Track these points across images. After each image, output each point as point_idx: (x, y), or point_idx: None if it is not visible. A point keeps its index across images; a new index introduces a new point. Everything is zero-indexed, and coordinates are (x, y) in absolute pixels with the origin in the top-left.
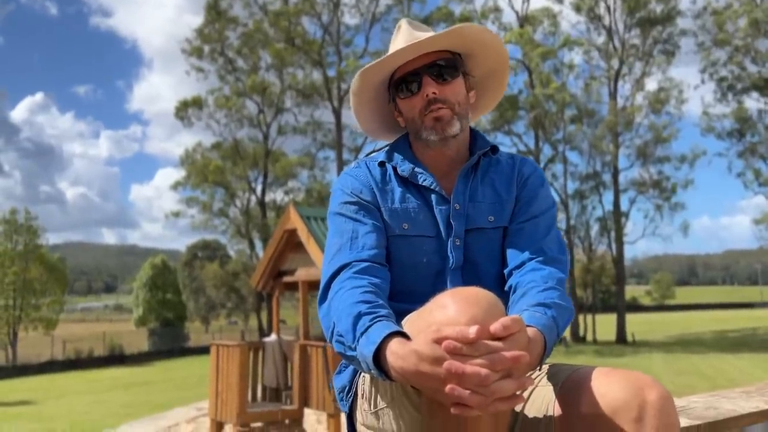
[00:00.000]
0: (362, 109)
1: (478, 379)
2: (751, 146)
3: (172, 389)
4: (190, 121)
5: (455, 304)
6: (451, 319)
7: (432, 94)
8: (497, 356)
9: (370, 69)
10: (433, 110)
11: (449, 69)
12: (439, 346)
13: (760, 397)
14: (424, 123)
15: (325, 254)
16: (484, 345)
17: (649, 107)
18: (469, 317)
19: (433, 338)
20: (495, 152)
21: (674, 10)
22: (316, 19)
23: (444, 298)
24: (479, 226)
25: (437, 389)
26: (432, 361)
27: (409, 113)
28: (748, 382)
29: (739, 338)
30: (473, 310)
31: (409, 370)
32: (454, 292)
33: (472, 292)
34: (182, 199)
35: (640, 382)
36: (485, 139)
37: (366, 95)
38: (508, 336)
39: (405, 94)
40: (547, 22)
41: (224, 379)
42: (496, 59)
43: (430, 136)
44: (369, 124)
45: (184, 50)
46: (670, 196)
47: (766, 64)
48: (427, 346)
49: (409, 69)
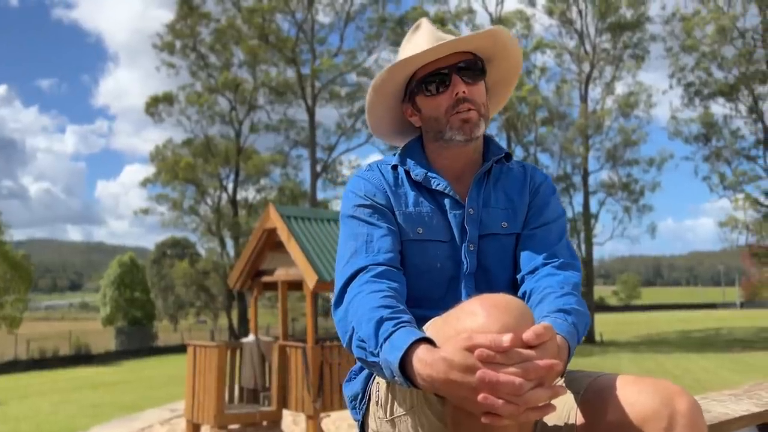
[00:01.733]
0: (378, 106)
1: (512, 388)
2: (716, 150)
3: (140, 389)
4: (161, 117)
5: (485, 311)
6: (483, 326)
7: (462, 94)
8: (531, 365)
9: (400, 64)
10: (461, 111)
11: (477, 71)
12: (471, 354)
13: (749, 400)
14: (449, 123)
15: (339, 257)
16: (517, 353)
17: (618, 111)
18: (500, 325)
19: (465, 346)
20: (508, 159)
21: (644, 15)
22: (290, 16)
23: (473, 305)
24: (493, 231)
25: (466, 398)
26: (463, 369)
27: (432, 112)
28: (715, 381)
29: (703, 338)
30: (504, 317)
31: (438, 378)
32: (483, 298)
33: (501, 299)
34: (151, 196)
35: (670, 391)
36: (498, 145)
37: (385, 90)
38: (540, 344)
39: (431, 92)
40: (520, 24)
41: (201, 379)
42: (511, 68)
43: (456, 136)
44: (379, 122)
45: (155, 45)
46: (638, 199)
47: (731, 70)
48: (458, 353)
49: (438, 67)
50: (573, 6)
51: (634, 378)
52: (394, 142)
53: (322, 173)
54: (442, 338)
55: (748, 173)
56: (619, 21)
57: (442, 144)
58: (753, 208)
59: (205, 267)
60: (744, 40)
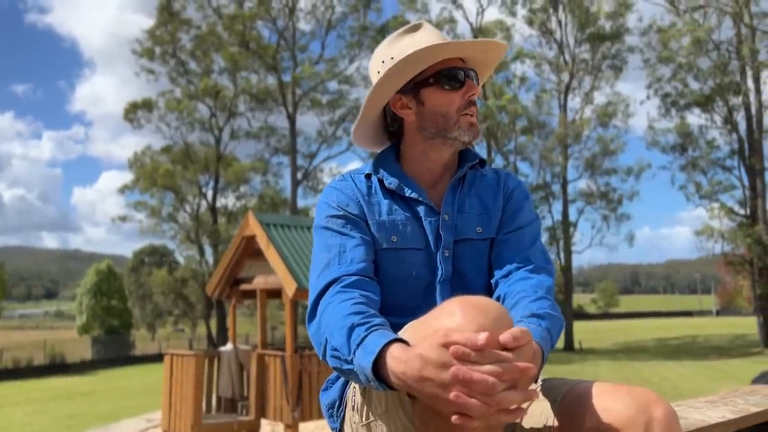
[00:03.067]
0: (380, 94)
1: (485, 387)
2: (692, 160)
3: (117, 399)
4: (140, 123)
5: (463, 311)
6: (460, 326)
7: (474, 97)
8: (506, 366)
9: (431, 49)
10: (470, 113)
11: (478, 78)
12: (447, 351)
13: (725, 407)
14: (459, 122)
15: (312, 269)
16: (492, 353)
17: (597, 120)
18: (477, 325)
19: (441, 342)
20: (483, 165)
21: (622, 27)
22: (271, 23)
23: (452, 306)
24: (468, 236)
25: (438, 396)
26: (438, 365)
27: (443, 108)
28: (691, 388)
29: (680, 345)
30: (482, 318)
31: (412, 375)
32: (462, 299)
33: (480, 300)
34: (129, 204)
35: (646, 399)
36: (473, 151)
37: (391, 84)
38: (517, 347)
39: (450, 87)
40: (500, 34)
41: (178, 389)
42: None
43: (463, 137)
44: (370, 119)
45: (135, 51)
46: (616, 207)
47: (707, 81)
48: (433, 350)
49: (456, 65)
50: (553, 17)
51: (611, 386)
52: (368, 145)
53: (303, 181)
54: (419, 337)
55: (723, 183)
56: (598, 32)
57: (439, 142)
58: (728, 217)
59: (183, 275)
60: (719, 52)
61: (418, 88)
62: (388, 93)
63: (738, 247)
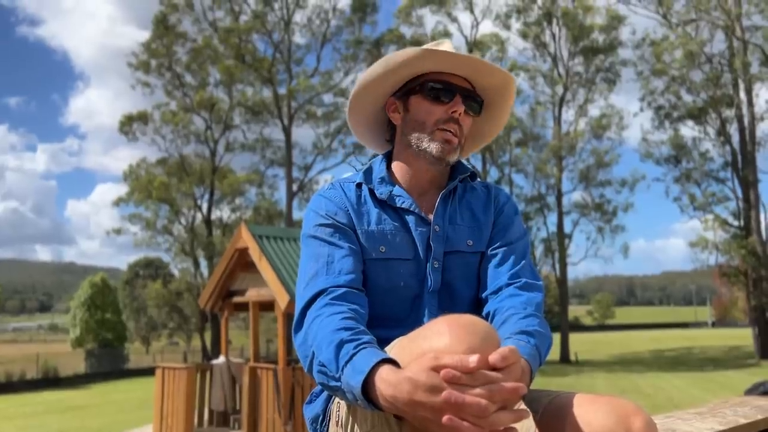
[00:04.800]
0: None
1: (477, 410)
2: (686, 172)
3: (110, 413)
4: (135, 135)
5: (451, 331)
6: (449, 346)
7: (457, 115)
8: (497, 387)
9: (430, 53)
10: (447, 129)
11: (477, 106)
12: (437, 374)
13: (713, 418)
14: (433, 135)
15: (299, 279)
16: (483, 375)
17: (591, 133)
18: (467, 346)
19: (431, 366)
20: (473, 179)
21: (616, 40)
22: (266, 36)
23: (439, 325)
24: (459, 249)
25: (430, 419)
26: (429, 389)
27: (423, 116)
28: (686, 400)
29: (676, 357)
30: (470, 338)
31: (402, 399)
32: (450, 319)
33: (468, 319)
34: (124, 216)
35: (626, 410)
36: (464, 164)
37: (392, 78)
38: (506, 367)
39: (435, 97)
40: (495, 47)
41: (170, 402)
42: (496, 127)
43: (432, 149)
44: (364, 106)
45: (131, 64)
46: (611, 219)
47: (700, 94)
48: (423, 373)
49: (450, 80)
50: (547, 30)
51: (591, 397)
52: (363, 136)
53: (299, 193)
54: (408, 358)
55: (717, 194)
56: (591, 45)
57: (413, 153)
58: (722, 229)
59: (178, 288)
60: (711, 64)
61: (408, 94)
62: (381, 87)
63: (732, 259)
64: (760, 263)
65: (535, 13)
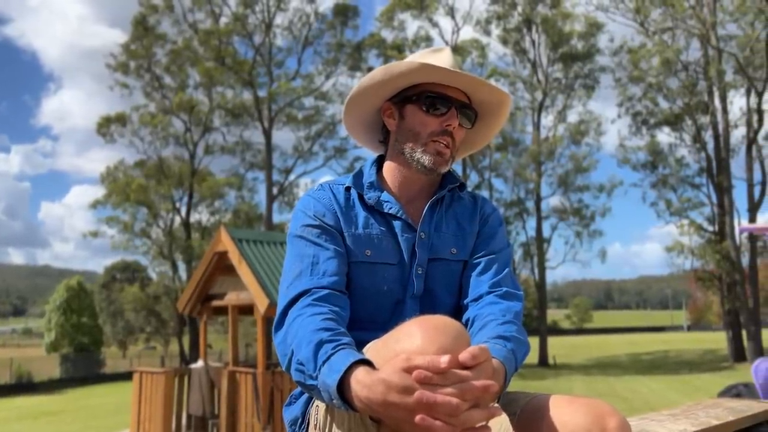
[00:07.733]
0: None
1: (449, 409)
2: (662, 178)
3: (85, 419)
4: (113, 137)
5: (422, 332)
6: (420, 347)
7: (451, 128)
8: (467, 385)
9: (429, 68)
10: (441, 142)
11: (470, 119)
12: (409, 375)
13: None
14: (426, 146)
15: (283, 278)
16: (454, 374)
17: (570, 138)
18: (437, 346)
19: (403, 367)
20: (462, 189)
21: (594, 47)
22: (247, 39)
23: (411, 327)
24: (442, 256)
25: (403, 419)
26: (401, 390)
27: (417, 126)
28: (662, 403)
29: (652, 360)
30: (441, 339)
31: (376, 400)
32: (422, 320)
33: (439, 320)
34: (101, 219)
35: (601, 411)
36: (454, 174)
37: (392, 83)
38: (476, 365)
39: (431, 109)
40: (475, 53)
41: (147, 407)
42: (486, 138)
43: (424, 160)
44: (364, 111)
45: (109, 65)
46: (589, 224)
47: (676, 101)
48: (396, 375)
49: (447, 92)
50: (526, 36)
51: (568, 398)
52: (358, 136)
53: (279, 196)
54: (381, 360)
55: (692, 200)
56: (570, 52)
57: (404, 161)
58: (697, 234)
59: (156, 291)
60: (687, 72)
61: (404, 102)
62: (380, 91)
63: (707, 263)
64: (733, 268)
65: (515, 19)
